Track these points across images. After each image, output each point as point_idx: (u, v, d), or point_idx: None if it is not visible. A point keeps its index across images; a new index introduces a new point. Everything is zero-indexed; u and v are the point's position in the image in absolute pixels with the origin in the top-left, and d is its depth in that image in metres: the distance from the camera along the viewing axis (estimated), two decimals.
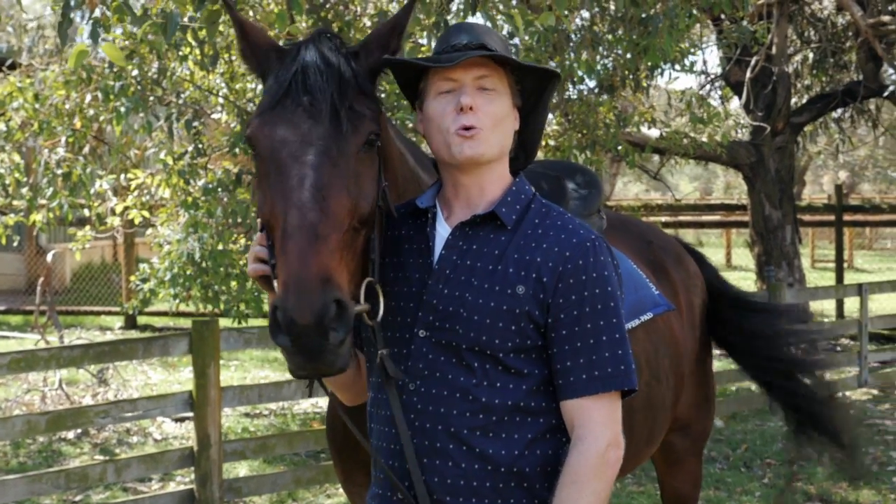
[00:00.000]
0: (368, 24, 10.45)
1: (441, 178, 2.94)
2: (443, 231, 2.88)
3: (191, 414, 7.29)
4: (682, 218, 21.27)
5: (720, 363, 13.54)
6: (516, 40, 8.55)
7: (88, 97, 9.54)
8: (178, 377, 12.78)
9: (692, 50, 10.99)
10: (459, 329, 2.75)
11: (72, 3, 4.65)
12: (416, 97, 2.92)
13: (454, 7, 5.59)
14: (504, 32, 5.73)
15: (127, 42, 8.70)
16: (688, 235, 35.51)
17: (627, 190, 51.41)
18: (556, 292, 2.73)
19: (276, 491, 7.70)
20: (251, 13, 9.00)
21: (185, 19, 6.17)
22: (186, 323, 15.53)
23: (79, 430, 9.95)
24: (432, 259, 2.85)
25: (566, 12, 4.73)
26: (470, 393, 2.73)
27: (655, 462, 5.04)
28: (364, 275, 2.76)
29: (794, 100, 15.64)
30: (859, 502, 8.02)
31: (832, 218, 16.67)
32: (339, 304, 2.51)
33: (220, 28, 9.51)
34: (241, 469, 8.65)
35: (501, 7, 5.55)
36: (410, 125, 7.38)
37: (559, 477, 2.69)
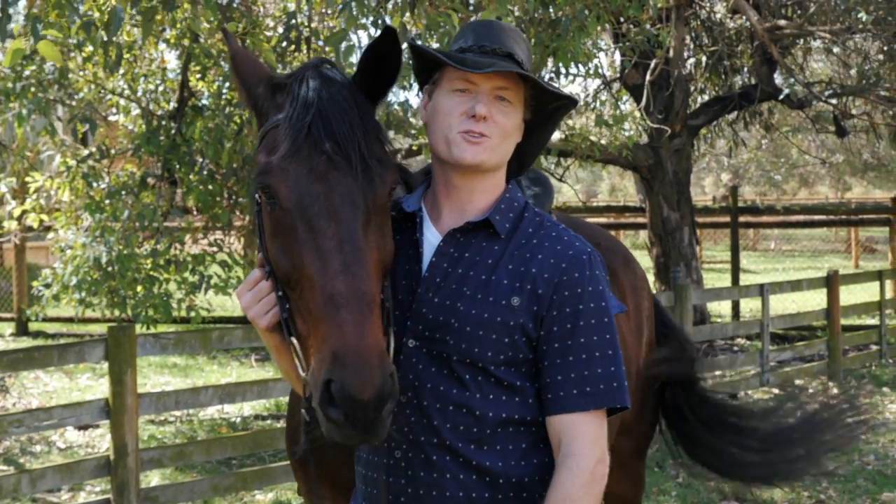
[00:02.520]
0: (271, 24, 10.36)
1: (433, 175, 2.88)
2: (431, 236, 2.82)
3: (99, 422, 7.13)
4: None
5: None
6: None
7: None
8: (78, 384, 12.52)
9: (594, 52, 11.07)
10: (450, 340, 2.69)
11: (11, 1, 4.51)
12: (428, 81, 2.86)
13: (390, 5, 5.54)
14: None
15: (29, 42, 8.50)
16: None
17: None
18: (550, 305, 2.69)
19: (192, 499, 7.56)
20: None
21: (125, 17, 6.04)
22: (83, 329, 15.27)
23: None
24: (421, 266, 2.79)
25: (503, 12, 4.69)
26: (463, 405, 2.68)
27: None
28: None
29: (688, 101, 15.85)
30: (773, 500, 8.12)
31: (727, 219, 16.92)
32: (391, 376, 2.43)
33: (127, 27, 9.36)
34: (154, 478, 8.47)
35: (439, 5, 5.50)
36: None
37: (548, 494, 2.64)
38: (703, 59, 15.99)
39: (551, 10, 8.99)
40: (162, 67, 10.52)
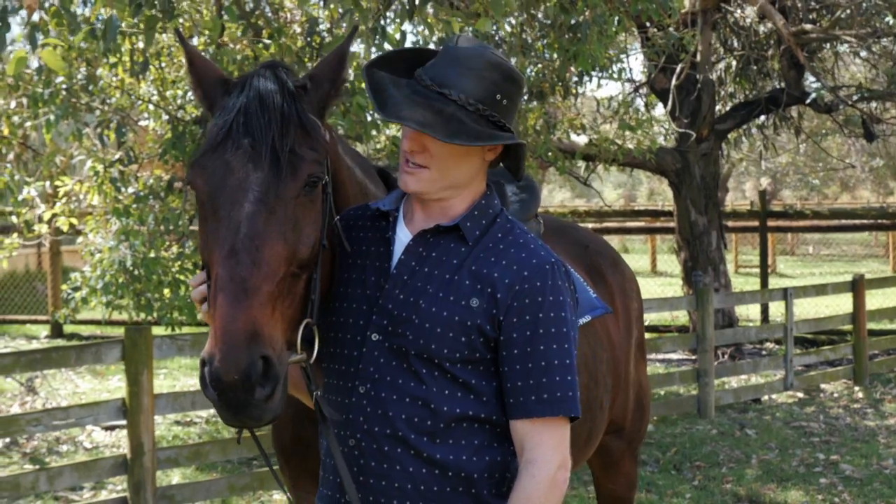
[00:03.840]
0: (298, 30, 10.47)
1: None
2: (403, 236, 2.89)
3: (122, 422, 7.25)
4: (607, 224, 21.44)
5: (648, 367, 13.73)
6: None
7: (13, 103, 9.46)
8: (108, 385, 12.68)
9: (620, 57, 11.13)
10: (409, 335, 2.76)
11: (9, 8, 4.64)
12: None
13: (391, 13, 5.63)
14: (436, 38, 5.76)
15: (58, 49, 8.65)
16: (613, 241, 35.86)
17: (553, 197, 51.70)
18: (509, 310, 2.74)
19: (210, 498, 7.66)
20: (181, 20, 8.97)
21: (123, 25, 6.15)
22: (116, 331, 15.41)
23: (7, 440, 9.85)
24: (391, 263, 2.87)
25: (500, 18, 4.76)
26: (419, 398, 2.75)
27: (591, 464, 5.09)
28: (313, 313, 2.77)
29: (718, 107, 15.84)
30: (788, 503, 8.15)
31: (756, 224, 16.88)
32: (265, 360, 2.50)
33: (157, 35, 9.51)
34: (175, 476, 8.61)
35: (440, 13, 5.58)
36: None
37: (510, 499, 2.71)
38: (733, 63, 15.98)
39: (572, 15, 9.02)
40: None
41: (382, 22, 5.47)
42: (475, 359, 2.76)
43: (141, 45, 8.68)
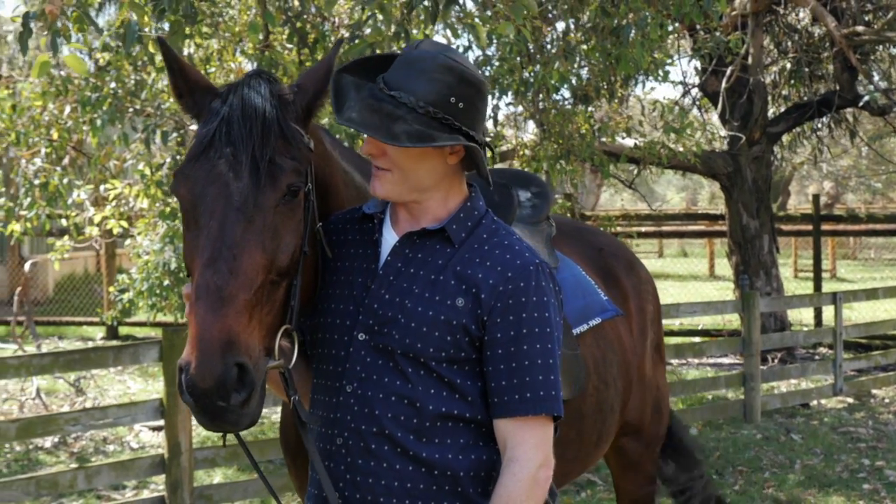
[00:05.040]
0: (346, 34, 10.54)
1: None
2: (389, 238, 2.93)
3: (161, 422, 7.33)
4: (665, 228, 21.35)
5: (697, 371, 13.67)
6: (478, 51, 8.66)
7: (68, 109, 9.60)
8: (157, 386, 12.81)
9: (668, 60, 11.08)
10: (396, 334, 2.79)
11: (32, 14, 4.73)
12: None
13: (414, 18, 5.66)
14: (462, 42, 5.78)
15: (105, 55, 8.78)
16: (672, 245, 35.73)
17: (614, 201, 51.47)
18: (492, 311, 2.77)
19: (247, 498, 7.74)
20: (217, 25, 9.06)
21: (151, 31, 6.24)
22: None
23: (56, 440, 10.00)
24: (377, 264, 2.90)
25: (521, 22, 4.77)
26: (405, 397, 2.78)
27: (611, 467, 5.10)
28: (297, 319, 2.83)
29: (772, 110, 15.73)
30: None
31: (811, 227, 16.73)
32: (241, 367, 2.55)
33: (198, 40, 9.63)
34: (216, 476, 8.70)
35: (463, 17, 5.61)
36: None
37: (492, 497, 2.74)
38: (787, 65, 15.88)
39: (614, 18, 9.02)
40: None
41: (406, 26, 5.50)
42: (461, 358, 2.79)
43: (187, 51, 8.83)
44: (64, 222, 10.74)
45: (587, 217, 15.91)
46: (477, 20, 5.46)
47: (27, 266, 13.02)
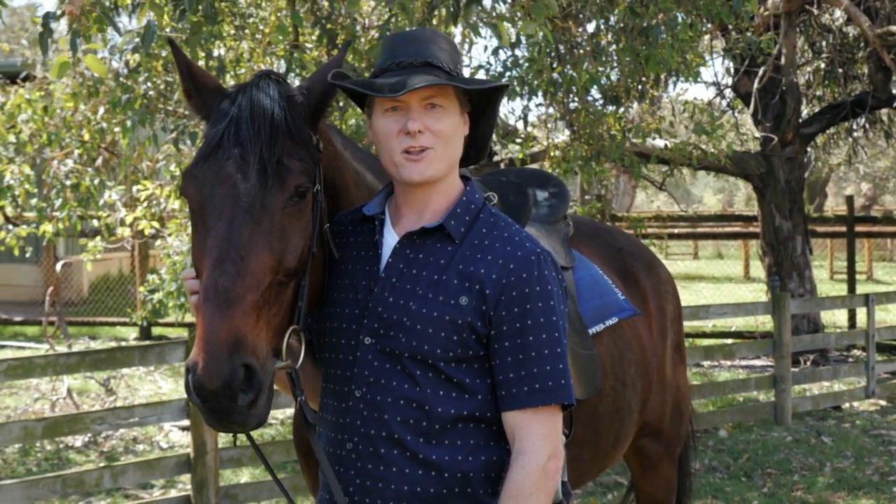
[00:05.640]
0: (377, 35, 10.55)
1: (394, 183, 2.99)
2: (390, 239, 2.93)
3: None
4: (699, 229, 21.28)
5: (728, 373, 13.60)
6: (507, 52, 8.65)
7: (102, 110, 9.66)
8: None
9: (700, 60, 11.02)
10: (402, 337, 2.79)
11: (52, 15, 4.76)
12: (365, 106, 2.96)
13: (435, 17, 5.66)
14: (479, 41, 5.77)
15: (136, 56, 8.83)
16: (707, 247, 35.56)
17: (650, 203, 51.35)
18: (498, 304, 2.77)
19: (273, 498, 7.76)
20: (243, 26, 9.08)
21: (172, 31, 6.26)
22: None
23: (87, 439, 10.06)
24: (379, 267, 2.90)
25: (541, 22, 4.76)
26: (413, 401, 2.78)
27: (630, 467, 5.09)
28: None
29: (805, 110, 15.63)
30: None
31: (845, 229, 16.62)
32: (248, 368, 2.56)
33: (231, 43, 9.67)
34: (243, 476, 8.72)
35: (487, 18, 5.60)
36: None
37: (502, 490, 2.74)
38: (821, 65, 15.78)
39: (643, 19, 8.98)
40: None
41: (428, 26, 5.50)
42: (468, 357, 2.79)
43: (217, 52, 8.84)
44: (95, 223, 10.82)
45: (617, 218, 15.86)
46: (502, 17, 5.44)
47: (58, 266, 13.12)
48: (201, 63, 8.47)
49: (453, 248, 2.85)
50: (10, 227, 10.96)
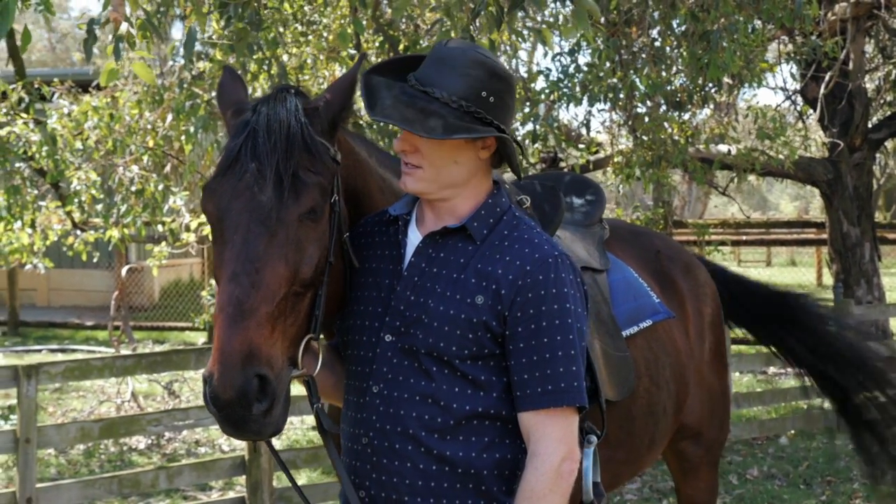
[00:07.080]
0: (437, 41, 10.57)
1: None
2: (414, 238, 2.98)
3: None
4: (770, 236, 21.09)
5: (790, 381, 13.46)
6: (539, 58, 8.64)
7: (170, 117, 9.79)
8: None
9: (766, 66, 10.94)
10: (420, 334, 2.83)
11: (96, 21, 4.85)
12: None
13: (477, 22, 5.68)
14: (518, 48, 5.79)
15: (200, 64, 8.95)
16: (781, 254, 35.21)
17: (725, 210, 50.90)
18: (513, 305, 2.80)
19: (327, 500, 7.80)
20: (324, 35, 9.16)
21: (213, 37, 6.32)
22: None
23: (150, 441, 10.20)
24: (402, 266, 2.95)
25: (583, 29, 4.75)
26: (429, 397, 2.82)
27: (672, 471, 5.08)
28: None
29: (875, 116, 15.44)
30: None
31: None
32: (261, 378, 2.61)
33: (295, 49, 9.77)
34: (299, 479, 8.79)
35: (532, 25, 5.63)
36: None
37: (517, 491, 2.77)
38: (892, 70, 15.58)
39: (704, 24, 8.94)
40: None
41: (472, 31, 5.54)
42: (483, 355, 2.82)
43: (286, 58, 8.94)
44: (161, 228, 10.96)
45: (681, 224, 15.78)
46: (548, 24, 5.47)
47: (124, 271, 13.29)
48: (252, 67, 8.56)
49: (474, 248, 2.88)
50: (78, 232, 11.14)
